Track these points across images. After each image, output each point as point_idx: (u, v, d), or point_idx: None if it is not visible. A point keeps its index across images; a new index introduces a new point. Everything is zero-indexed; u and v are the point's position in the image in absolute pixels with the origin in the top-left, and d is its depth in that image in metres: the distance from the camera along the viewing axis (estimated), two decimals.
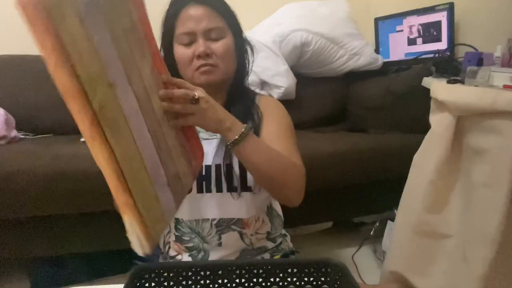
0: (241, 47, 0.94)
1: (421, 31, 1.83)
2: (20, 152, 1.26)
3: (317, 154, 1.37)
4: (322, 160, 1.09)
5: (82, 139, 1.68)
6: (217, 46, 0.87)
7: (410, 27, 1.87)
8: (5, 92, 1.61)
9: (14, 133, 1.45)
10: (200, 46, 0.85)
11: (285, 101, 1.50)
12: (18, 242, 1.19)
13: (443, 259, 1.08)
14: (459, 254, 1.01)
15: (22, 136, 1.53)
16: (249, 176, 0.88)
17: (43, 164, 1.14)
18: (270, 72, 1.70)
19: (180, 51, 0.88)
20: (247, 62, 0.96)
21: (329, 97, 1.94)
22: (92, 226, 1.20)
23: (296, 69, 1.84)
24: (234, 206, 0.89)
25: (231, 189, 0.87)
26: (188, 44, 0.87)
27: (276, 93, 1.73)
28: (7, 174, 1.09)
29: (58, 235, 1.20)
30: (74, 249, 1.25)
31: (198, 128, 0.89)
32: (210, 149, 0.89)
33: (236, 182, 0.87)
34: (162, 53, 0.90)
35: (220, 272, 0.80)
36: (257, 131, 0.91)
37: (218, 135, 0.91)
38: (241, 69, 0.95)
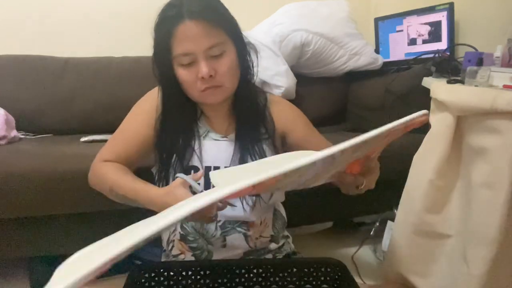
0: (244, 53, 0.89)
1: (421, 31, 1.83)
2: (20, 152, 1.26)
3: None
4: None
5: (82, 139, 1.68)
6: (220, 65, 0.82)
7: (410, 27, 1.88)
8: (5, 92, 1.61)
9: (14, 133, 1.44)
10: (203, 68, 0.79)
11: None
12: (18, 242, 1.19)
13: (443, 259, 1.08)
14: (459, 254, 1.01)
15: (22, 136, 1.53)
16: None
17: (43, 164, 1.13)
18: (270, 72, 1.70)
19: (182, 74, 0.82)
20: (251, 64, 0.92)
21: (329, 97, 1.94)
22: (92, 226, 1.20)
23: (296, 69, 1.84)
24: (241, 210, 0.89)
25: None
26: (189, 65, 0.81)
27: (276, 93, 1.72)
28: (7, 174, 1.09)
29: (58, 235, 1.20)
30: (74, 249, 1.24)
31: (207, 128, 0.92)
32: (220, 151, 0.89)
33: None
34: (157, 70, 0.86)
35: (220, 271, 0.80)
36: (270, 134, 0.93)
37: (230, 137, 0.91)
38: (246, 73, 0.91)
